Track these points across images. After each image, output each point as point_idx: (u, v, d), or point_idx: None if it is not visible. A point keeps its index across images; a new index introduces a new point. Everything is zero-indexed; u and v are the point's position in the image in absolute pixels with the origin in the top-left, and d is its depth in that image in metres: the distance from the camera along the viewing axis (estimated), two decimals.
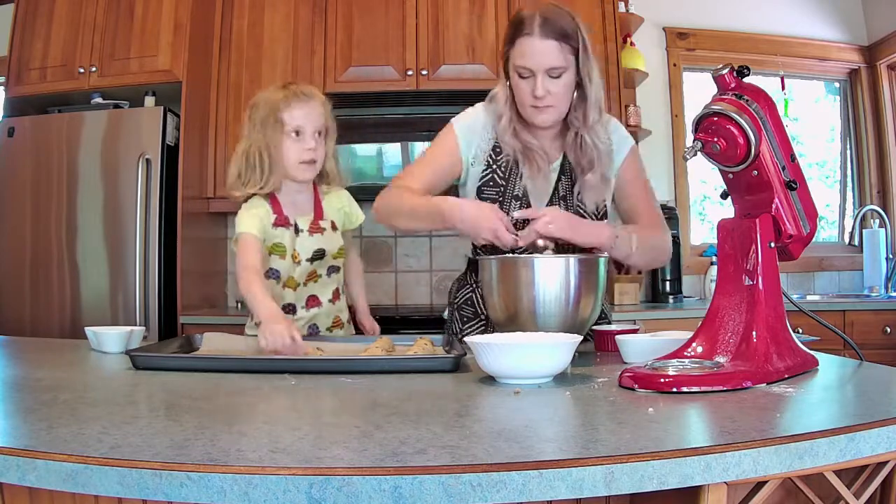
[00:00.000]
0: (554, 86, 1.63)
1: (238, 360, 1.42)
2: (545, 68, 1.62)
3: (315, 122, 1.86)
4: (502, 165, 1.74)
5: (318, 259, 1.90)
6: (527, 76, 1.64)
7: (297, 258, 1.88)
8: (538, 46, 1.61)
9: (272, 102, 1.85)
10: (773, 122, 1.19)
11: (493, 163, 1.75)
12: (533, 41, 1.62)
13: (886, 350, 3.12)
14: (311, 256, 1.89)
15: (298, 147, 1.85)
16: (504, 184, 1.73)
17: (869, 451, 0.82)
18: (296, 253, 1.88)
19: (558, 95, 1.65)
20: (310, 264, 1.89)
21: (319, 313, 1.93)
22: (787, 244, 1.23)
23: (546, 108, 1.66)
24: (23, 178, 3.21)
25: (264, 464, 0.72)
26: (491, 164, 1.75)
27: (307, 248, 1.89)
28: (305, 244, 1.89)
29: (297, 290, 1.90)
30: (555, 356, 1.18)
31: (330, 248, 1.92)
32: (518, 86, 1.67)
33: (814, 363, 1.24)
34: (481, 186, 1.75)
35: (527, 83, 1.64)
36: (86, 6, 3.30)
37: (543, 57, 1.61)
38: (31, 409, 1.00)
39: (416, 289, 3.73)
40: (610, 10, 3.41)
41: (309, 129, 1.85)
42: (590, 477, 0.71)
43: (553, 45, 1.61)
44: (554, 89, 1.63)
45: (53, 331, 3.12)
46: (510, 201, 1.72)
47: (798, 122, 4.16)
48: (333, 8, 3.42)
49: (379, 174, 3.41)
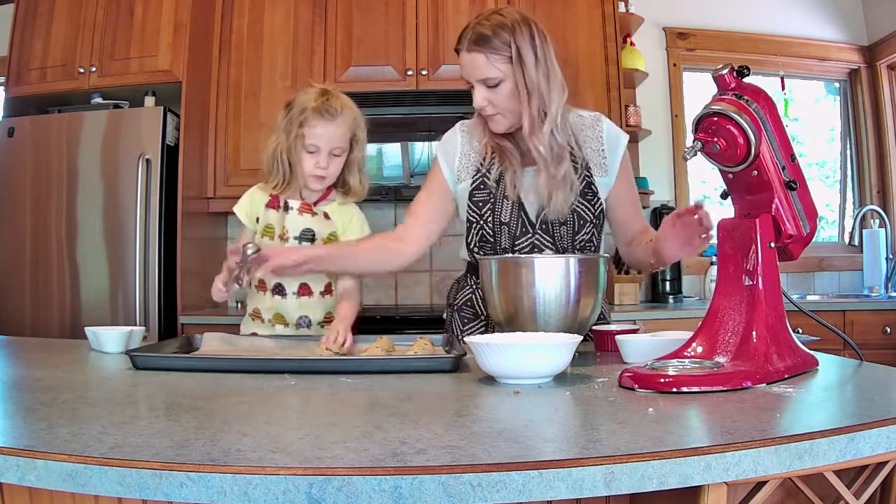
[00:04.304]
0: (493, 94, 1.65)
1: (238, 360, 1.42)
2: (477, 79, 1.65)
3: (333, 143, 1.89)
4: (492, 169, 1.75)
5: (308, 240, 1.92)
6: (471, 87, 1.68)
7: (285, 236, 1.92)
8: (465, 59, 1.66)
9: (302, 111, 1.88)
10: (773, 122, 1.19)
11: (482, 167, 1.76)
12: (462, 56, 1.67)
13: (886, 350, 3.12)
14: (300, 235, 1.92)
15: (312, 162, 1.89)
16: (495, 185, 1.74)
17: (869, 451, 0.82)
18: (284, 230, 1.92)
19: (499, 104, 1.66)
20: (298, 244, 1.91)
21: (311, 303, 1.95)
22: (787, 244, 1.23)
23: (491, 117, 1.69)
24: (23, 178, 3.21)
25: (264, 464, 0.72)
26: (481, 169, 1.76)
27: (296, 227, 1.93)
28: (295, 222, 1.93)
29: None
30: (555, 356, 1.18)
31: (320, 230, 1.94)
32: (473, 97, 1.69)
33: (814, 363, 1.24)
34: (472, 191, 1.76)
35: (475, 93, 1.68)
36: (86, 6, 3.30)
37: (472, 70, 1.65)
38: (31, 409, 1.00)
39: (416, 289, 3.73)
40: (610, 10, 3.42)
41: (325, 149, 1.88)
42: (590, 477, 0.71)
43: (479, 57, 1.63)
44: (494, 98, 1.65)
45: (53, 331, 3.12)
46: (501, 201, 1.73)
47: (798, 122, 4.16)
48: (333, 8, 3.43)
49: (379, 174, 3.41)
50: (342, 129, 1.88)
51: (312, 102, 1.87)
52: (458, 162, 1.79)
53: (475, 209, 1.75)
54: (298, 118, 1.87)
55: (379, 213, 3.69)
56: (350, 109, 1.91)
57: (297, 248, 1.88)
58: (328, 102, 1.88)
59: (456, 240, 1.87)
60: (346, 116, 1.89)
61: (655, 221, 3.69)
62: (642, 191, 3.64)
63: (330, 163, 1.89)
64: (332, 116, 1.87)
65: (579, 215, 1.71)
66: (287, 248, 1.86)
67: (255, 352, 1.58)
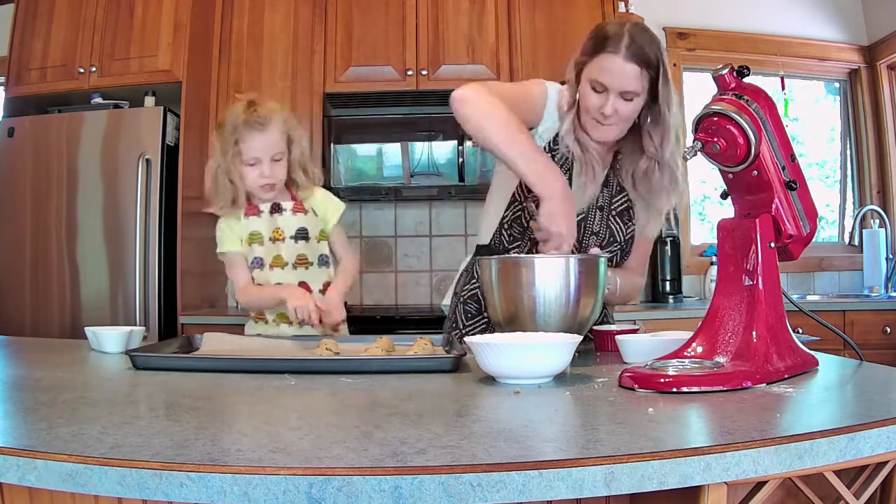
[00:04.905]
0: (623, 107, 1.62)
1: (238, 360, 1.42)
2: (621, 90, 1.61)
3: (271, 150, 1.92)
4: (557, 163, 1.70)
5: (303, 239, 1.97)
6: (600, 91, 1.63)
7: (280, 235, 1.96)
8: (620, 67, 1.59)
9: (233, 128, 1.91)
10: (773, 122, 1.19)
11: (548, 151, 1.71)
12: (616, 60, 1.59)
13: (886, 350, 3.12)
14: (295, 234, 1.97)
15: (256, 174, 1.92)
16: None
17: (869, 451, 0.82)
18: (279, 232, 1.96)
19: (623, 116, 1.64)
20: (294, 242, 1.96)
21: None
22: (787, 244, 1.23)
23: (608, 126, 1.66)
24: (23, 178, 3.21)
25: (264, 464, 0.72)
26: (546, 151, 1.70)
27: (290, 226, 1.97)
28: (289, 221, 1.97)
29: (285, 269, 1.95)
30: (555, 356, 1.18)
31: (312, 229, 1.99)
32: (587, 96, 1.65)
33: (814, 363, 1.24)
34: None
35: (598, 97, 1.63)
36: (86, 6, 3.30)
37: (623, 79, 1.60)
38: (31, 409, 1.00)
39: (416, 289, 3.73)
40: (610, 10, 3.42)
41: (266, 158, 1.92)
42: (590, 477, 0.71)
43: (635, 69, 1.59)
44: (622, 110, 1.63)
45: (53, 331, 3.12)
46: None
47: (798, 122, 4.16)
48: (333, 8, 3.43)
49: (379, 174, 3.41)
50: (275, 135, 1.92)
51: (242, 116, 1.90)
52: (551, 122, 1.73)
53: (524, 193, 1.72)
54: (232, 136, 1.90)
55: (379, 213, 3.69)
56: (278, 114, 1.95)
57: None
58: (256, 113, 1.91)
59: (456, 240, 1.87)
60: (276, 122, 1.93)
61: None
62: None
63: (273, 169, 1.93)
64: (263, 126, 1.90)
65: (612, 233, 1.73)
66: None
67: (255, 352, 1.58)
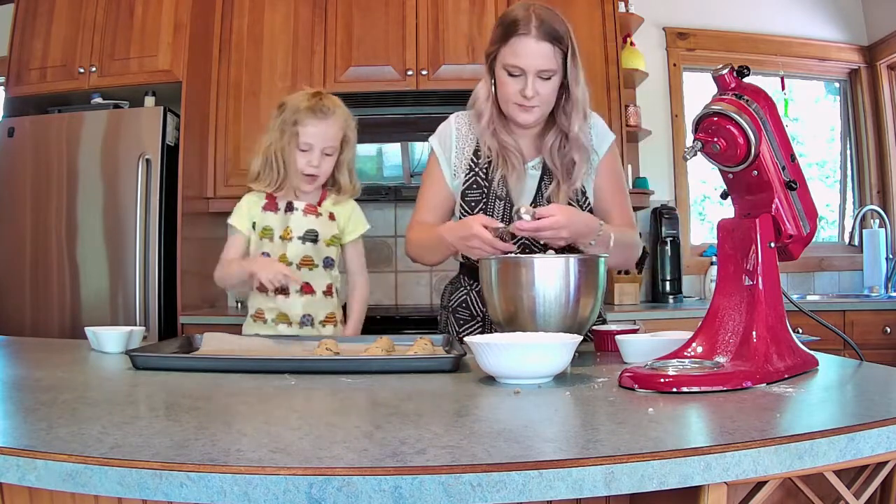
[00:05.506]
0: (543, 87, 1.65)
1: (238, 360, 1.42)
2: (537, 70, 1.64)
3: (325, 142, 1.94)
4: (483, 167, 1.76)
5: (311, 241, 1.97)
6: (517, 74, 1.66)
7: (288, 235, 1.96)
8: (533, 48, 1.63)
9: (295, 111, 1.93)
10: (773, 122, 1.19)
11: (475, 165, 1.77)
12: (528, 42, 1.63)
13: (886, 350, 3.12)
14: (304, 235, 1.96)
15: (305, 161, 1.93)
16: (487, 185, 1.74)
17: (869, 451, 0.82)
18: (288, 230, 1.96)
19: (545, 97, 1.67)
20: (301, 244, 1.96)
21: (313, 302, 1.98)
22: (787, 244, 1.23)
23: (532, 108, 1.69)
24: (23, 178, 3.21)
25: (264, 464, 0.72)
26: (473, 167, 1.77)
27: (300, 226, 1.97)
28: (300, 222, 1.97)
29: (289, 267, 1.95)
30: (555, 356, 1.18)
31: (323, 232, 1.99)
32: (505, 84, 1.68)
33: (814, 363, 1.24)
34: (465, 190, 1.77)
35: (515, 82, 1.66)
36: (86, 6, 3.30)
37: (537, 58, 1.63)
38: (31, 409, 1.00)
39: (416, 289, 3.73)
40: (610, 10, 3.41)
41: (318, 147, 1.93)
42: (590, 477, 0.71)
43: (547, 47, 1.63)
44: (542, 91, 1.66)
45: (53, 331, 3.12)
46: (493, 202, 1.73)
47: (798, 122, 4.16)
48: (333, 8, 3.43)
49: (379, 174, 3.41)
50: (334, 128, 1.94)
51: (306, 102, 1.93)
52: (455, 158, 1.80)
53: (467, 209, 1.75)
54: (292, 117, 1.92)
55: (379, 214, 3.69)
56: (342, 109, 1.98)
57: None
58: (321, 102, 1.94)
59: None
60: (338, 116, 1.96)
61: (656, 221, 3.69)
62: (642, 191, 3.64)
63: (322, 161, 1.94)
64: (325, 115, 1.93)
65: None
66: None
67: (255, 352, 1.58)
